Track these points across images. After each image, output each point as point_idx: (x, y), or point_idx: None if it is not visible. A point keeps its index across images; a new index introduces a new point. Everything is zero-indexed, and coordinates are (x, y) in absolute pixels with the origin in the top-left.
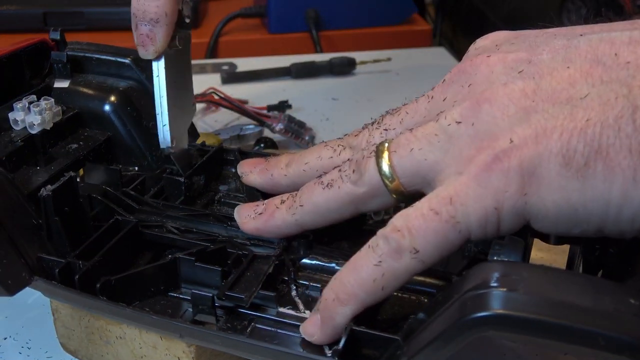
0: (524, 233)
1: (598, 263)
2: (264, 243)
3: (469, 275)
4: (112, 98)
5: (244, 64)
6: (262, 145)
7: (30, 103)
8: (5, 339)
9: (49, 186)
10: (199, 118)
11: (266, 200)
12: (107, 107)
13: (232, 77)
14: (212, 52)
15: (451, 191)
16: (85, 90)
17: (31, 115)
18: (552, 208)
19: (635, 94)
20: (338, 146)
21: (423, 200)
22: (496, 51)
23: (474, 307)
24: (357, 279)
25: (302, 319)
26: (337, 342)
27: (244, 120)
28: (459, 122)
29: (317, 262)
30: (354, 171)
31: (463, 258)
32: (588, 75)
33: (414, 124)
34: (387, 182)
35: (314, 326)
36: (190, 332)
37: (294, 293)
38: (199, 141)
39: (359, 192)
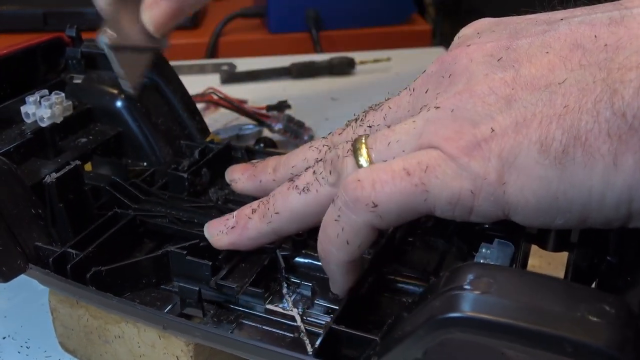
0: (517, 238)
1: (594, 272)
2: None
3: (446, 277)
4: (119, 95)
5: (244, 64)
6: (261, 145)
7: (41, 97)
8: (4, 338)
9: (54, 174)
10: None
11: (235, 212)
12: (118, 103)
13: (232, 77)
14: (212, 52)
15: (429, 161)
16: (98, 86)
17: (42, 109)
18: (532, 198)
19: (614, 77)
20: (323, 146)
21: (397, 159)
22: (477, 40)
23: (443, 308)
24: (325, 236)
25: (290, 317)
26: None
27: (243, 120)
28: (438, 108)
29: (310, 261)
30: (330, 172)
31: (457, 259)
32: (567, 60)
33: (397, 119)
34: None
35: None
36: (173, 324)
37: (284, 291)
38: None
39: None
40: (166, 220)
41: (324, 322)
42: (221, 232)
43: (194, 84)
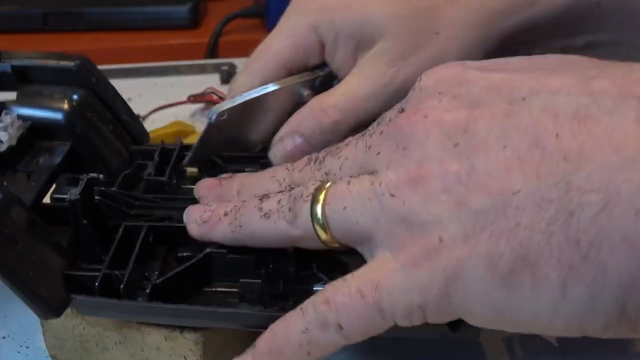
0: None
1: None
2: None
3: None
4: (66, 106)
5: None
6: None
7: None
8: (4, 338)
9: (73, 190)
10: (197, 118)
11: (213, 207)
12: (63, 116)
13: (232, 77)
14: (212, 52)
15: (380, 276)
16: (36, 100)
17: None
18: (479, 310)
19: (572, 198)
20: (284, 180)
21: (354, 275)
22: (436, 106)
23: None
24: (287, 340)
25: None
26: None
27: None
28: (393, 196)
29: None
30: (290, 210)
31: None
32: (524, 163)
33: (351, 172)
34: (319, 232)
35: None
36: (265, 318)
37: (314, 271)
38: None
39: (293, 233)
40: (175, 222)
41: None
42: (195, 221)
43: (194, 84)
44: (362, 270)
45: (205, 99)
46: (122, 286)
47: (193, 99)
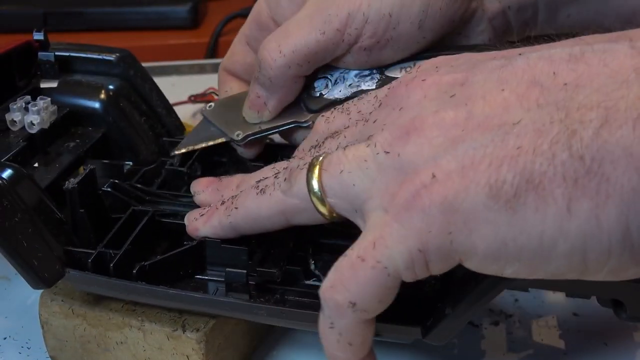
0: None
1: None
2: None
3: None
4: (103, 95)
5: None
6: None
7: (27, 103)
8: (5, 338)
9: (73, 179)
10: (198, 118)
11: (212, 204)
12: (98, 105)
13: None
14: (212, 52)
15: (375, 234)
16: (75, 89)
17: (30, 115)
18: (481, 244)
19: (573, 117)
20: (283, 169)
21: (352, 247)
22: (434, 73)
23: None
24: (327, 343)
25: None
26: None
27: None
28: (387, 152)
29: (334, 242)
30: (285, 180)
31: None
32: (523, 99)
33: (348, 144)
34: (315, 200)
35: None
36: (243, 307)
37: (312, 267)
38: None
39: (288, 203)
40: (178, 218)
41: None
42: (194, 219)
43: (194, 84)
44: (358, 240)
45: (205, 99)
46: (112, 264)
47: (193, 99)
